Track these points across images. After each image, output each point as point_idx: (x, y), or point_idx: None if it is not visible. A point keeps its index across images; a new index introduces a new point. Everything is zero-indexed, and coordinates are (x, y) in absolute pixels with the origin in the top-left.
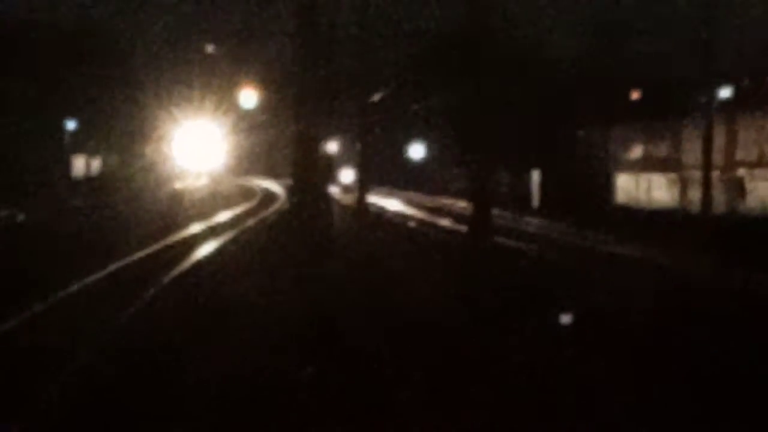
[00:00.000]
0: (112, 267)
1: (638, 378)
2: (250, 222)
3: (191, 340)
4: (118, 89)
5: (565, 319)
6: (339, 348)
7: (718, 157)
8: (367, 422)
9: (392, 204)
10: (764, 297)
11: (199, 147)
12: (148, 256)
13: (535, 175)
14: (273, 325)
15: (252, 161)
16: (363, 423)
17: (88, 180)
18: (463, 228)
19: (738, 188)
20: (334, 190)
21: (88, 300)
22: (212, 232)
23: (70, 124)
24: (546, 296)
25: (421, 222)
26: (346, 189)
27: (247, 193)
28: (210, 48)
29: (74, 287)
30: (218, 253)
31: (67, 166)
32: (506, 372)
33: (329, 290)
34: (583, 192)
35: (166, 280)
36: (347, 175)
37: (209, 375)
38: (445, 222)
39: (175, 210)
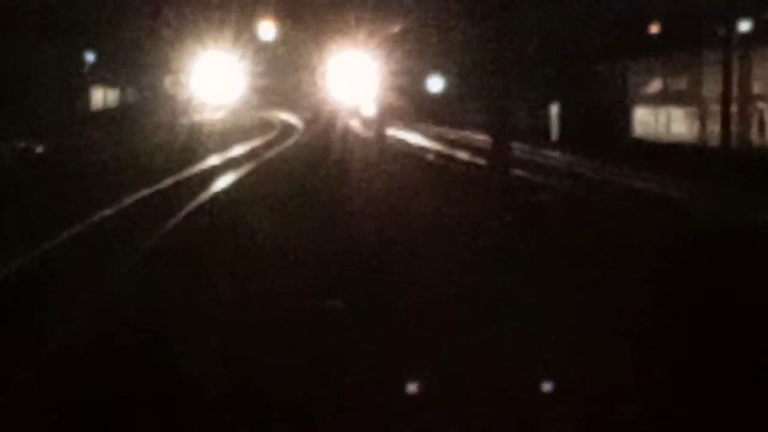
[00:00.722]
0: (127, 200)
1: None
2: (268, 154)
3: None
4: (137, 20)
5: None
6: None
7: (737, 91)
8: None
9: (411, 137)
10: None
11: (217, 79)
12: (165, 187)
13: (554, 109)
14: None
15: (270, 94)
16: None
17: (107, 112)
18: (481, 161)
19: (757, 121)
20: (354, 123)
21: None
22: (229, 164)
23: (90, 56)
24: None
25: (439, 154)
26: (365, 122)
27: (265, 126)
28: None
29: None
30: (236, 184)
31: (87, 98)
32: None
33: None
34: (602, 125)
35: (182, 214)
36: (368, 108)
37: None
38: (463, 155)
39: (193, 143)
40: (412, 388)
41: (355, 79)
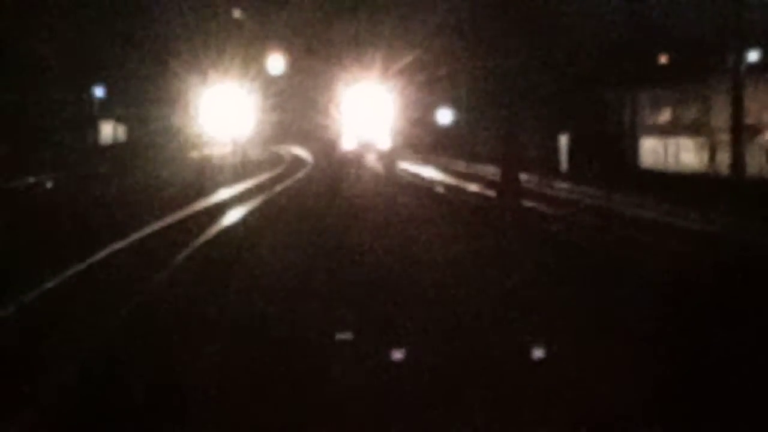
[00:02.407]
0: (135, 235)
1: None
2: (278, 188)
3: None
4: (146, 55)
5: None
6: None
7: (747, 120)
8: None
9: (421, 169)
10: None
11: (225, 113)
12: (174, 221)
13: (563, 139)
14: None
15: (280, 127)
16: None
17: (116, 146)
18: (492, 192)
19: (765, 152)
20: (370, 157)
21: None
22: (237, 200)
23: (99, 91)
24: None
25: (449, 186)
26: (376, 154)
27: (275, 160)
28: (237, 12)
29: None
30: (244, 219)
31: (95, 132)
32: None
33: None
34: (612, 155)
35: (193, 246)
36: (378, 140)
37: None
38: (473, 186)
39: (202, 177)
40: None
41: (366, 112)
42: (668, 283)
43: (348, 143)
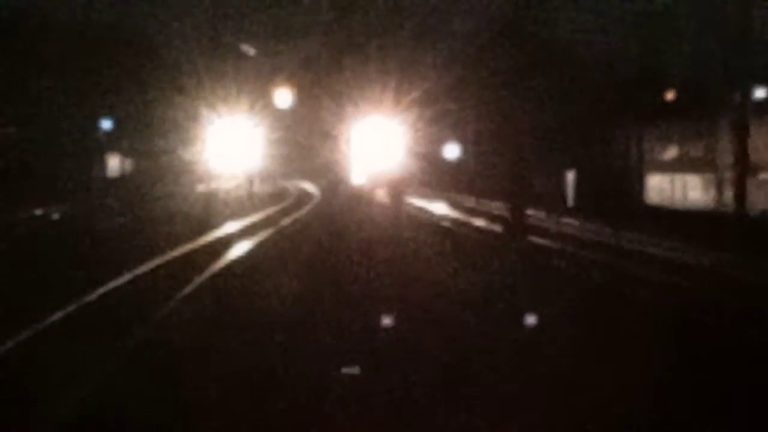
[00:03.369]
0: (141, 268)
1: None
2: (284, 222)
3: None
4: (153, 89)
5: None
6: None
7: (753, 158)
8: None
9: (428, 204)
10: None
11: (233, 147)
12: (179, 255)
13: (570, 175)
14: None
15: (287, 162)
16: None
17: (123, 178)
18: (498, 228)
19: None
20: (378, 192)
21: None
22: (243, 234)
23: (106, 124)
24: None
25: (456, 222)
26: (382, 188)
27: (281, 194)
28: (244, 47)
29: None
30: (249, 253)
31: (102, 165)
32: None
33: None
34: (618, 191)
35: (197, 281)
36: (382, 175)
37: None
38: (480, 222)
39: (207, 210)
40: None
41: (375, 146)
42: (670, 321)
43: (357, 178)
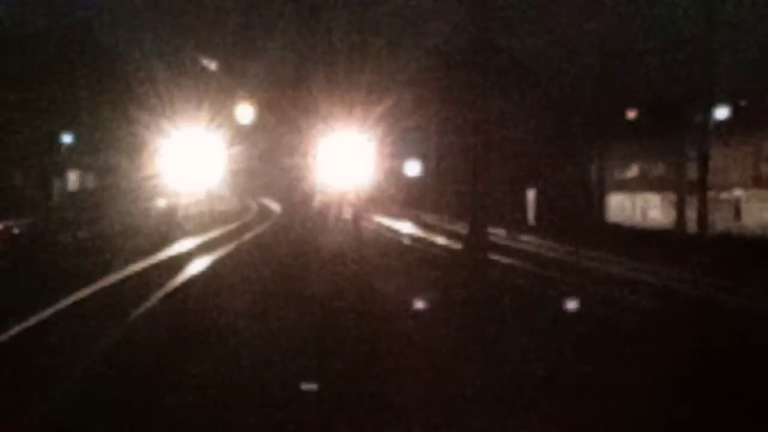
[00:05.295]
0: (101, 283)
1: None
2: (245, 237)
3: None
4: (113, 103)
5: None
6: None
7: (714, 177)
8: None
9: (388, 221)
10: None
11: (193, 163)
12: (138, 270)
13: (531, 194)
14: None
15: (251, 178)
16: None
17: (84, 193)
18: (458, 245)
19: (734, 208)
20: (342, 209)
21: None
22: (200, 250)
23: (67, 138)
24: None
25: (416, 238)
26: (352, 207)
27: (242, 210)
28: (206, 61)
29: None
30: (208, 269)
31: (64, 180)
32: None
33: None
34: (578, 210)
35: (156, 297)
36: (355, 192)
37: None
38: (440, 239)
39: (166, 226)
40: None
41: (340, 162)
42: (622, 334)
43: (321, 194)
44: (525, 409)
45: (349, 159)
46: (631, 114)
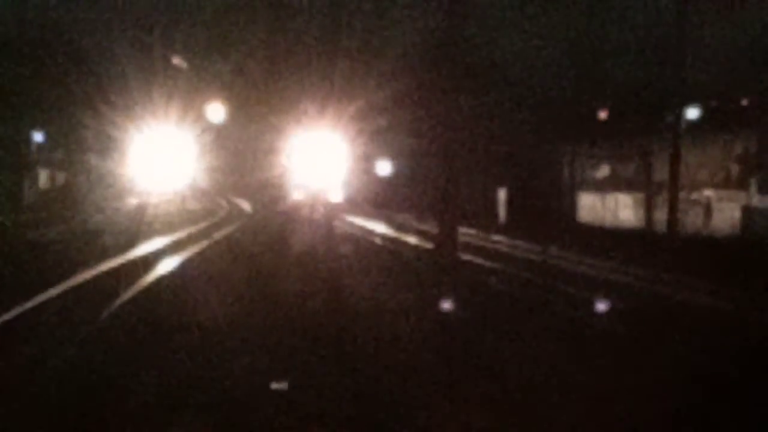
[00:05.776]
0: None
1: None
2: (216, 235)
3: None
4: (84, 102)
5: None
6: None
7: (684, 178)
8: None
9: (360, 221)
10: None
11: (163, 162)
12: (108, 269)
13: (502, 193)
14: None
15: (223, 177)
16: None
17: (54, 191)
18: (429, 245)
19: (704, 208)
20: (315, 209)
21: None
22: (171, 249)
23: (38, 136)
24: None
25: (387, 238)
26: (325, 206)
27: (213, 208)
28: (177, 60)
29: None
30: (179, 267)
31: (34, 177)
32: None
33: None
34: (549, 209)
35: (125, 297)
36: (329, 193)
37: None
38: (411, 238)
39: (134, 225)
40: None
41: (314, 162)
42: (588, 330)
43: (295, 194)
44: (499, 402)
45: (322, 158)
46: (603, 114)
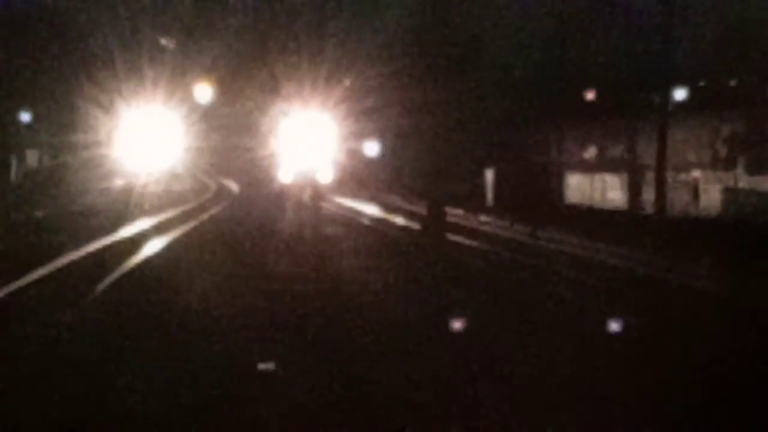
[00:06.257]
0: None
1: None
2: (203, 217)
3: None
4: (70, 81)
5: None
6: None
7: (672, 159)
8: None
9: (348, 201)
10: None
11: (150, 143)
12: (97, 249)
13: (489, 174)
14: None
15: (211, 158)
16: None
17: (42, 172)
18: (417, 225)
19: (692, 190)
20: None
21: None
22: (161, 227)
23: (25, 116)
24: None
25: (376, 219)
26: (314, 188)
27: (200, 190)
28: (164, 40)
29: None
30: (167, 247)
31: (22, 157)
32: None
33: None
34: (537, 191)
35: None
36: (319, 174)
37: None
38: (399, 219)
39: (121, 206)
40: None
41: (304, 143)
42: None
43: (284, 175)
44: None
45: (310, 139)
46: (590, 95)
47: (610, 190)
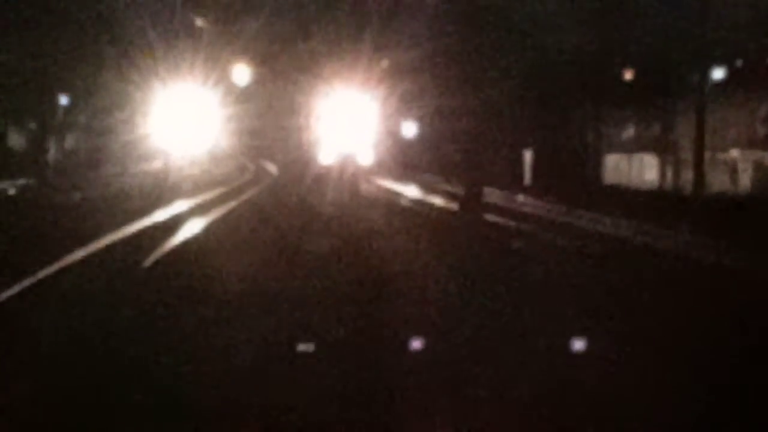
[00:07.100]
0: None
1: None
2: (243, 197)
3: None
4: (108, 64)
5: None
6: None
7: (710, 138)
8: None
9: (385, 182)
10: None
11: (188, 125)
12: (136, 231)
13: (528, 155)
14: None
15: (250, 140)
16: None
17: (80, 154)
18: (454, 206)
19: (729, 169)
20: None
21: None
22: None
23: (63, 99)
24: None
25: (413, 200)
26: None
27: (240, 172)
28: (199, 21)
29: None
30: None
31: (61, 141)
32: None
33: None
34: (575, 171)
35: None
36: (361, 155)
37: None
38: (437, 200)
39: (159, 189)
40: None
41: (345, 124)
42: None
43: (324, 157)
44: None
45: (351, 119)
46: (628, 75)
47: (647, 170)
